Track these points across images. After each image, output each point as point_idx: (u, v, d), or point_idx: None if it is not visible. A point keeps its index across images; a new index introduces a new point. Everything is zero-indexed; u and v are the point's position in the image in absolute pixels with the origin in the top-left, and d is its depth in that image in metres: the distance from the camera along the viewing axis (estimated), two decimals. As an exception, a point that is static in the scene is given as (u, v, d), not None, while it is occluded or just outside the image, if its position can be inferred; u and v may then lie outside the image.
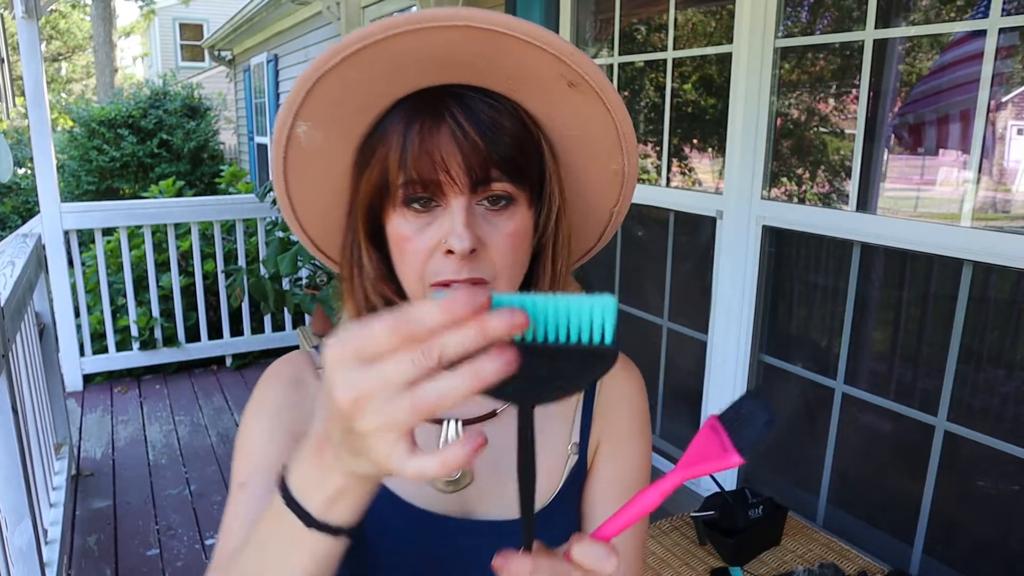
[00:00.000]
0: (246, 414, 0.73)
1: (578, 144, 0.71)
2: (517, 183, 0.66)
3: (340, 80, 0.63)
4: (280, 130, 0.66)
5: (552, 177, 0.70)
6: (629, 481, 0.79)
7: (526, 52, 0.62)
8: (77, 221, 4.08)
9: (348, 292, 0.73)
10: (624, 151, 0.71)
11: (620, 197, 0.76)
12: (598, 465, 0.80)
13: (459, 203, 0.63)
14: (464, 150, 0.62)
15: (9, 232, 4.72)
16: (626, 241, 3.08)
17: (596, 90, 0.65)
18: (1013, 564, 1.87)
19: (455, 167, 0.62)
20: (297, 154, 0.68)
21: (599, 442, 0.80)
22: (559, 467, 0.77)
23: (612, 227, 0.80)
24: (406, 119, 0.64)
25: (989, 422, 1.88)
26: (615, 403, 0.82)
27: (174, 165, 7.66)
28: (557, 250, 0.72)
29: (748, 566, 1.88)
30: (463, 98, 0.64)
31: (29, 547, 1.94)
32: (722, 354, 2.50)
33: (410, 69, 0.63)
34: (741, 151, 2.32)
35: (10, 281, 2.13)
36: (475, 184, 0.63)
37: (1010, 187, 2.05)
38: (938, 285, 2.04)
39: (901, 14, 2.18)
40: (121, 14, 22.14)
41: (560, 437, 0.79)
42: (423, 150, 0.62)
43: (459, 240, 0.61)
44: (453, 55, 0.62)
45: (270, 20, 7.43)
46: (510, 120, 0.66)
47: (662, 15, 2.73)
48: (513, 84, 0.66)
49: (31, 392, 2.48)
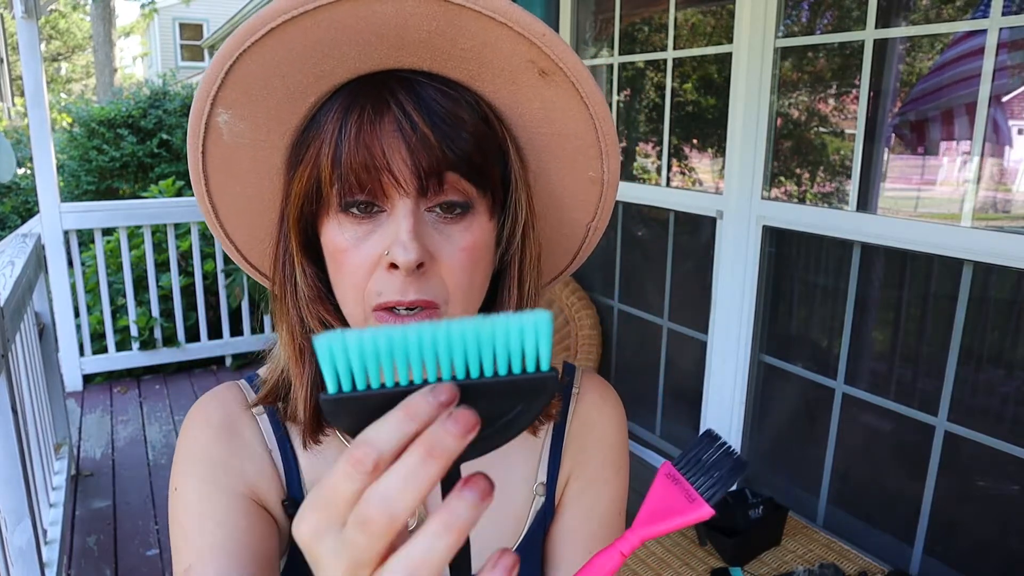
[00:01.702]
0: (176, 466, 0.63)
1: (550, 145, 0.61)
2: (476, 187, 0.55)
3: (266, 59, 0.53)
4: (196, 119, 0.55)
5: (518, 183, 0.60)
6: (597, 527, 0.70)
7: (491, 31, 0.52)
8: (77, 221, 4.08)
9: (281, 314, 0.61)
10: (603, 155, 0.60)
11: (598, 210, 0.65)
12: (564, 505, 0.71)
13: (405, 207, 0.53)
14: (411, 144, 0.52)
15: (9, 232, 4.72)
16: (626, 241, 3.08)
17: (572, 80, 0.55)
18: (1013, 564, 1.87)
19: (399, 164, 0.52)
20: (218, 148, 0.58)
21: (568, 478, 0.71)
22: (524, 510, 0.69)
23: (589, 244, 0.69)
24: (344, 107, 0.54)
25: (989, 422, 1.88)
26: (588, 435, 0.71)
27: (174, 165, 7.65)
28: (524, 269, 0.61)
29: (748, 566, 1.88)
30: (412, 83, 0.54)
31: (29, 547, 1.94)
32: (722, 354, 2.50)
33: (351, 47, 0.53)
34: (741, 151, 2.32)
35: (10, 281, 2.13)
36: (424, 186, 0.53)
37: (1010, 187, 2.04)
38: (938, 285, 2.04)
39: (901, 14, 2.18)
40: (121, 14, 22.16)
41: (525, 476, 0.69)
42: (361, 143, 0.52)
43: (404, 251, 0.51)
44: (404, 31, 0.53)
45: (270, 20, 7.42)
46: (469, 113, 0.55)
47: (662, 15, 2.73)
48: (474, 71, 0.56)
49: (31, 392, 2.48)
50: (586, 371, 0.75)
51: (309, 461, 0.66)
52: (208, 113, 0.55)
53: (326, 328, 0.59)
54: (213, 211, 0.62)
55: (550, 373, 0.35)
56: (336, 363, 0.34)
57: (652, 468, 2.79)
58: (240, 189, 0.61)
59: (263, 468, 0.65)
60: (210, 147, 0.58)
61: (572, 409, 0.72)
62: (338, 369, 0.35)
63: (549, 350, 0.35)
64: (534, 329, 0.34)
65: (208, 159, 0.58)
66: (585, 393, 0.73)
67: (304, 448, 0.65)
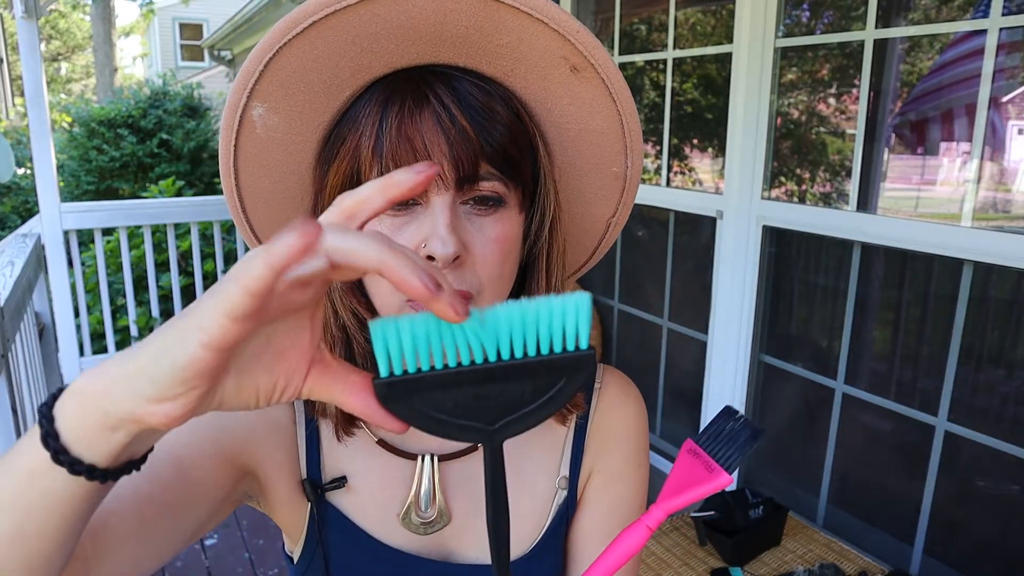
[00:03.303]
0: None
1: (577, 141, 0.62)
2: (509, 180, 0.57)
3: (305, 53, 0.53)
4: (231, 112, 0.56)
5: (547, 177, 0.61)
6: (619, 523, 0.70)
7: (527, 27, 0.54)
8: (77, 221, 4.08)
9: None
10: (628, 150, 0.62)
11: (620, 205, 0.66)
12: (588, 500, 0.71)
13: (442, 201, 0.54)
14: (451, 137, 0.53)
15: (9, 232, 4.71)
16: (626, 241, 3.08)
17: (602, 77, 0.57)
18: (1013, 564, 1.87)
19: (439, 157, 0.53)
20: (251, 142, 0.59)
21: (591, 473, 0.72)
22: (546, 504, 0.70)
23: (608, 240, 0.70)
24: (382, 101, 0.55)
25: (989, 422, 1.88)
26: (611, 430, 0.72)
27: (174, 165, 7.65)
28: (551, 262, 0.63)
29: (748, 566, 1.88)
30: (449, 78, 0.55)
31: (29, 547, 1.93)
32: (722, 354, 2.50)
33: (389, 41, 0.54)
34: (741, 151, 2.32)
35: (10, 281, 2.13)
36: (462, 179, 0.54)
37: (1010, 187, 2.04)
38: (938, 285, 2.04)
39: (901, 14, 2.18)
40: (121, 14, 22.15)
41: (548, 470, 0.70)
42: (403, 135, 0.53)
43: (442, 244, 0.52)
44: (444, 26, 0.53)
45: (270, 20, 7.43)
46: (503, 108, 0.57)
47: (662, 15, 2.73)
48: (507, 66, 0.57)
49: (31, 392, 2.48)
50: (608, 367, 0.76)
51: (332, 450, 0.68)
52: (244, 106, 0.56)
53: (358, 320, 0.62)
54: (241, 205, 0.63)
55: (589, 351, 0.37)
56: (389, 347, 0.36)
57: (652, 468, 2.79)
58: (269, 183, 0.62)
59: (281, 444, 0.66)
60: (243, 141, 0.58)
61: (594, 404, 0.73)
62: (391, 353, 0.36)
63: (588, 329, 0.37)
64: (575, 310, 0.36)
65: (240, 152, 0.59)
66: (607, 388, 0.74)
67: (337, 440, 0.67)
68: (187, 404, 0.34)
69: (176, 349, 0.32)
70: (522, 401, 0.38)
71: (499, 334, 0.36)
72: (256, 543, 2.67)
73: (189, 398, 0.34)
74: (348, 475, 0.67)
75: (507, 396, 0.38)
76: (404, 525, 0.66)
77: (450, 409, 0.38)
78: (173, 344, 0.33)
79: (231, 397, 0.37)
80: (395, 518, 0.67)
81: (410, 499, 0.67)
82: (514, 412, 0.39)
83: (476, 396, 0.38)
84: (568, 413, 0.68)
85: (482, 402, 0.38)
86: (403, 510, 0.67)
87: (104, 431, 0.36)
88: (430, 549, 0.67)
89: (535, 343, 0.37)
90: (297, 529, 0.68)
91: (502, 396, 0.38)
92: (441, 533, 0.67)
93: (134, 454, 0.39)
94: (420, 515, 0.67)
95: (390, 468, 0.68)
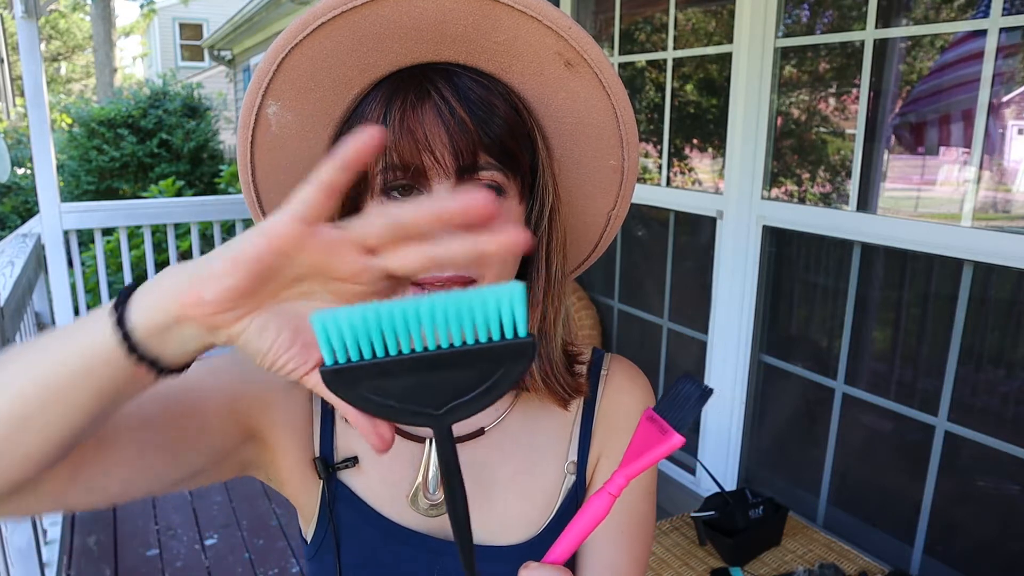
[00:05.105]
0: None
1: (574, 134, 0.65)
2: (508, 170, 0.59)
3: (315, 53, 0.57)
4: (247, 111, 0.60)
5: (545, 169, 0.64)
6: (629, 505, 0.71)
7: (522, 24, 0.57)
8: (77, 221, 4.08)
9: None
10: (624, 143, 0.65)
11: (619, 198, 0.69)
12: (596, 485, 0.73)
13: (444, 189, 0.57)
14: (451, 129, 0.56)
15: (9, 232, 4.71)
16: (626, 241, 3.08)
17: (595, 71, 0.60)
18: (1013, 564, 1.87)
19: (440, 148, 0.56)
20: (267, 139, 0.62)
21: (599, 458, 0.73)
22: (556, 488, 0.71)
23: (609, 233, 0.73)
24: (387, 96, 0.58)
25: (989, 422, 1.88)
26: (618, 415, 0.74)
27: (174, 165, 7.65)
28: (551, 252, 0.66)
29: (748, 566, 1.88)
30: (450, 74, 0.59)
31: (28, 547, 1.94)
32: (722, 354, 2.50)
33: (394, 40, 0.57)
34: (741, 151, 2.32)
35: (10, 281, 2.13)
36: (462, 169, 0.57)
37: (1010, 187, 2.04)
38: (938, 285, 2.04)
39: (901, 14, 2.18)
40: (121, 14, 22.17)
41: (556, 455, 0.72)
42: (405, 127, 0.56)
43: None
44: (444, 25, 0.57)
45: (270, 20, 7.43)
46: (501, 102, 0.60)
47: (662, 15, 2.73)
48: (505, 63, 0.60)
49: (31, 392, 2.48)
50: (615, 356, 0.78)
51: (345, 431, 0.70)
52: (259, 105, 0.60)
53: None
54: (257, 200, 0.67)
55: (528, 339, 0.39)
56: (330, 338, 0.38)
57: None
58: (284, 178, 0.65)
59: (296, 417, 0.68)
60: (259, 138, 0.62)
61: (601, 391, 0.74)
62: (333, 344, 0.38)
63: (525, 317, 0.38)
64: (508, 299, 0.37)
65: (256, 149, 0.63)
66: (613, 375, 0.75)
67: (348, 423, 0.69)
68: (220, 293, 0.37)
69: (236, 243, 0.37)
70: (467, 387, 0.40)
71: (436, 323, 0.38)
72: (256, 543, 2.67)
73: (225, 284, 0.36)
74: (359, 456, 0.69)
75: (451, 382, 0.40)
76: (412, 507, 0.69)
77: (397, 395, 0.40)
78: (235, 241, 0.37)
79: (252, 336, 0.39)
80: (404, 499, 0.69)
81: (418, 482, 0.69)
82: (460, 397, 0.40)
83: (421, 383, 0.40)
84: (571, 398, 0.70)
85: (427, 388, 0.40)
86: (411, 492, 0.69)
87: (161, 315, 0.39)
88: (437, 531, 0.69)
89: (472, 331, 0.38)
90: (309, 508, 0.70)
91: (446, 382, 0.40)
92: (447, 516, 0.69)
93: (175, 358, 0.41)
94: (428, 497, 0.68)
95: (400, 450, 0.69)
